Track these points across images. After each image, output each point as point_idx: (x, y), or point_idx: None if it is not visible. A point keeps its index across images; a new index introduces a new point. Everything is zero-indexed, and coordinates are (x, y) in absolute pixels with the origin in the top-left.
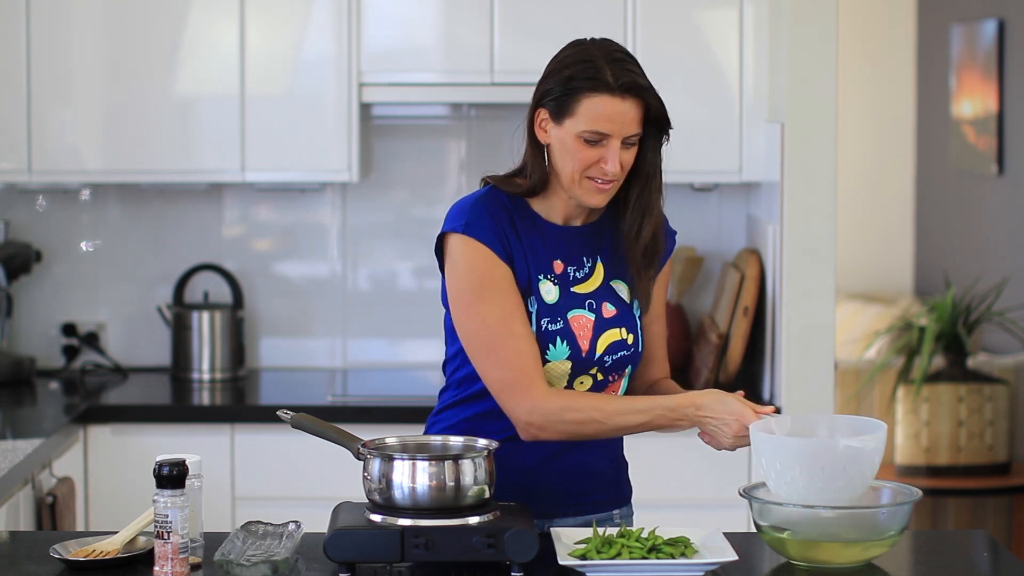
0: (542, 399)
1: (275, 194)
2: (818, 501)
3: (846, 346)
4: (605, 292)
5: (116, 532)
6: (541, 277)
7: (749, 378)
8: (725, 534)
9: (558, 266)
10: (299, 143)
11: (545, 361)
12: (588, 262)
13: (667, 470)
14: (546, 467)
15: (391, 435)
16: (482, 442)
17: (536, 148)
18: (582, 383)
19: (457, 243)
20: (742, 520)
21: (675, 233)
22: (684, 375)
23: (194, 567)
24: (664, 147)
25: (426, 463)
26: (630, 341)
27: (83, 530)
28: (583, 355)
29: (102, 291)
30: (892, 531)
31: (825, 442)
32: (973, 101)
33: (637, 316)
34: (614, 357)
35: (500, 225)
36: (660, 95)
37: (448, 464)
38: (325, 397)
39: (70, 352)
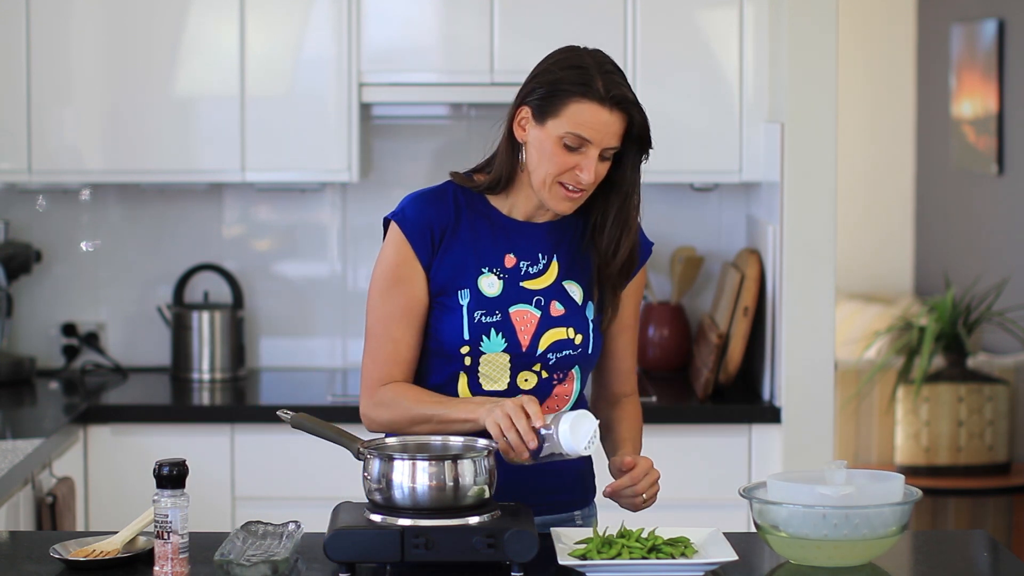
0: (378, 391)
1: (275, 194)
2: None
3: (846, 346)
4: (556, 291)
5: (116, 532)
6: (484, 270)
7: (749, 378)
8: (725, 534)
9: (509, 260)
10: (299, 143)
11: (481, 353)
12: (543, 259)
13: (667, 470)
14: (506, 464)
15: (391, 435)
16: (482, 442)
17: (511, 145)
18: (526, 380)
19: (390, 230)
20: (742, 520)
21: (652, 244)
22: (684, 375)
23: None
24: (643, 165)
25: (426, 463)
26: (578, 341)
27: (83, 530)
28: (522, 349)
29: (102, 291)
30: (892, 531)
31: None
32: (973, 101)
33: (591, 320)
34: (558, 355)
35: (434, 222)
36: (645, 112)
37: (448, 464)
38: (325, 397)
39: (70, 352)
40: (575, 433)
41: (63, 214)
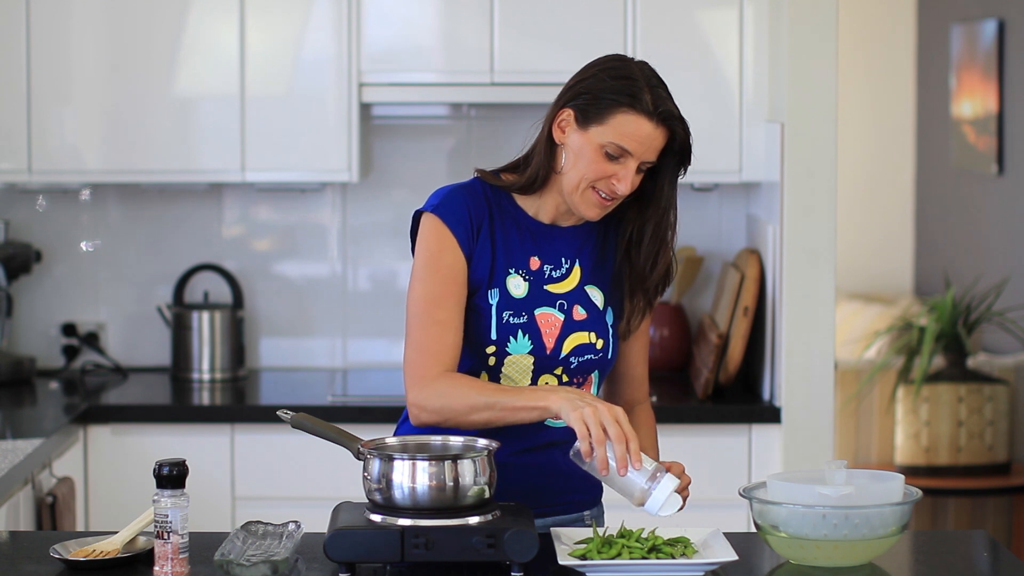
0: (430, 379)
1: (275, 194)
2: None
3: (846, 346)
4: (578, 295)
5: (116, 532)
6: (511, 271)
7: (749, 378)
8: (725, 534)
9: (534, 262)
10: (299, 143)
11: (507, 354)
12: (566, 263)
13: None
14: (516, 464)
15: (391, 435)
16: (482, 442)
17: (549, 146)
18: (547, 383)
19: (425, 221)
20: (742, 520)
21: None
22: (684, 375)
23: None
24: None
25: (426, 463)
26: (599, 346)
27: (83, 530)
28: (547, 352)
29: (102, 291)
30: (892, 531)
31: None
32: (973, 101)
33: (610, 324)
34: (580, 359)
35: (472, 215)
36: (688, 128)
37: (448, 464)
38: (325, 397)
39: (70, 352)
40: (669, 502)
41: (63, 214)
